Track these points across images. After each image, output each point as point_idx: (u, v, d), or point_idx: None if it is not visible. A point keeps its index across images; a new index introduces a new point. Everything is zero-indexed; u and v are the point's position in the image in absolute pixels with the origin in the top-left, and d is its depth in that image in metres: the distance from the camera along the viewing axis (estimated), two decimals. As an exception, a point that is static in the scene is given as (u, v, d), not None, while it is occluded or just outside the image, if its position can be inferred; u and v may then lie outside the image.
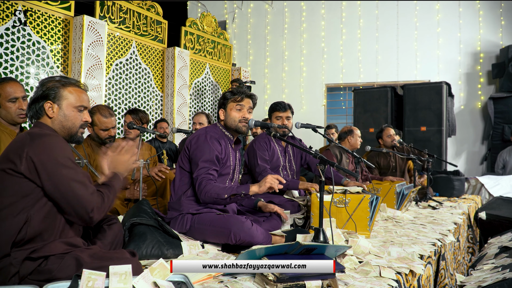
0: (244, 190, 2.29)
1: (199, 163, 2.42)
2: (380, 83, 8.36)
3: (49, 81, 1.70)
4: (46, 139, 1.54)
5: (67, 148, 1.58)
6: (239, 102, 2.57)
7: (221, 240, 2.28)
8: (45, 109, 1.67)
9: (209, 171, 2.41)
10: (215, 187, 2.34)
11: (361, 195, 2.67)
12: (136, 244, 2.06)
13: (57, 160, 1.51)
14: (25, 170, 1.48)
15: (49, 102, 1.67)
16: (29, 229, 1.48)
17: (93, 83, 5.24)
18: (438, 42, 8.10)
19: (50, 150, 1.52)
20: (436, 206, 4.18)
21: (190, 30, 7.24)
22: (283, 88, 9.19)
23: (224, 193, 2.29)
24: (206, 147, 2.46)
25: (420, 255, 2.27)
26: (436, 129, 6.34)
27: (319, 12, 8.98)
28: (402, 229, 2.99)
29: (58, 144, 1.56)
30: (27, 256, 1.44)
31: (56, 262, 1.44)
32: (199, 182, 2.37)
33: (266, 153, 3.30)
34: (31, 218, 1.49)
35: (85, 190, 1.53)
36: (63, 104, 1.68)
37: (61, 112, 1.68)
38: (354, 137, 4.34)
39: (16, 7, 4.55)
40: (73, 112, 1.70)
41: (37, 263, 1.44)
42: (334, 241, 2.26)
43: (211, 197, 2.32)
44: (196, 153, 2.45)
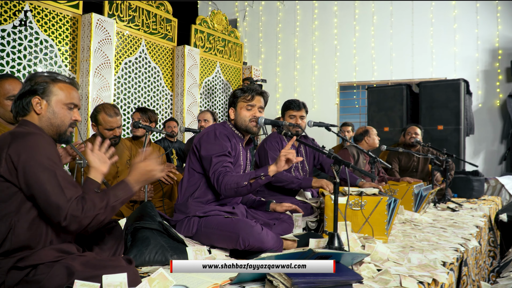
0: (262, 172, 2.15)
1: (212, 159, 2.29)
2: (394, 81, 8.15)
3: (38, 75, 1.58)
4: (28, 138, 1.42)
5: (50, 148, 1.46)
6: (249, 101, 2.45)
7: (229, 245, 2.14)
8: (33, 105, 1.55)
9: (224, 164, 2.28)
10: (232, 177, 2.21)
11: (378, 197, 2.52)
12: (139, 249, 1.94)
13: (36, 160, 1.38)
14: (4, 172, 1.37)
15: (37, 97, 1.55)
16: (14, 238, 1.36)
17: (101, 82, 5.16)
18: (454, 38, 7.86)
19: (31, 149, 1.40)
20: (455, 208, 4.00)
21: (200, 28, 7.13)
22: (295, 87, 9.04)
23: (243, 180, 2.17)
24: (216, 143, 2.34)
25: (442, 262, 2.12)
26: (454, 128, 6.13)
27: (331, 9, 8.81)
28: (421, 233, 2.83)
29: (40, 143, 1.43)
30: (13, 265, 1.32)
31: (45, 272, 1.31)
32: (216, 177, 2.25)
33: (278, 153, 3.15)
34: (15, 225, 1.37)
35: (59, 196, 1.37)
36: (52, 100, 1.57)
37: (50, 109, 1.56)
38: (372, 137, 4.18)
39: (23, 5, 4.49)
40: (62, 110, 1.58)
41: (24, 273, 1.32)
42: (350, 246, 2.11)
43: (231, 188, 2.19)
44: (207, 150, 2.33)
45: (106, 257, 1.49)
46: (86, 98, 4.98)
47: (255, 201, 2.72)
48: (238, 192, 2.21)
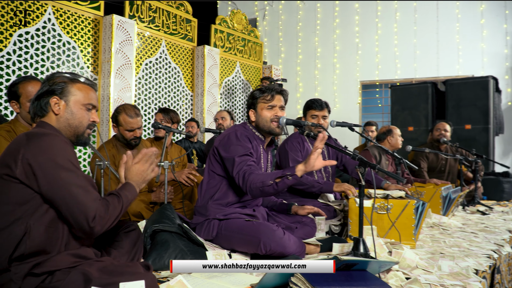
0: (289, 172, 2.03)
1: (235, 159, 2.21)
2: (418, 79, 7.94)
3: (57, 76, 1.56)
4: (44, 139, 1.39)
5: (68, 149, 1.43)
6: (269, 101, 2.37)
7: (249, 250, 2.08)
8: (51, 105, 1.52)
9: (248, 162, 2.20)
10: (258, 176, 2.11)
11: (405, 200, 2.41)
12: (158, 253, 1.90)
13: (55, 162, 1.35)
14: (21, 175, 1.33)
15: (55, 97, 1.53)
16: (29, 242, 1.32)
17: (122, 83, 5.17)
18: (482, 34, 7.60)
19: (48, 151, 1.36)
20: (485, 211, 3.84)
21: (220, 28, 7.10)
22: (316, 86, 8.91)
23: (268, 179, 2.05)
24: (238, 143, 2.27)
25: (475, 270, 2.00)
26: (482, 127, 5.91)
27: (353, 7, 8.65)
28: (451, 238, 2.70)
29: (57, 144, 1.40)
30: (29, 271, 1.29)
31: (62, 278, 1.27)
32: (242, 176, 2.16)
33: (299, 154, 3.07)
34: (31, 228, 1.33)
35: (86, 196, 1.35)
36: (71, 101, 1.54)
37: (68, 109, 1.54)
38: (395, 137, 4.04)
39: (46, 7, 4.53)
40: (81, 110, 1.56)
41: (40, 279, 1.29)
42: (376, 252, 2.02)
43: (257, 187, 2.08)
44: (229, 152, 2.26)
45: (124, 263, 1.43)
46: (108, 99, 5.00)
47: (276, 203, 2.65)
48: (264, 192, 2.10)
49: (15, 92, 2.30)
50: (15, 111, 2.35)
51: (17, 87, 2.30)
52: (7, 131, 2.46)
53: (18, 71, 4.31)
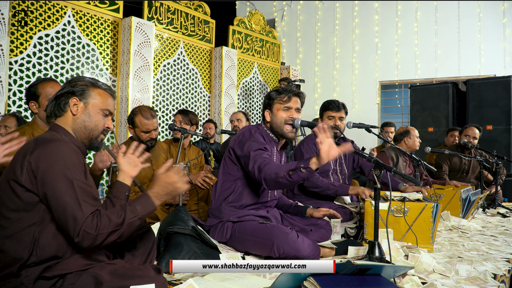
0: (303, 164, 1.95)
1: (250, 153, 2.19)
2: (439, 79, 7.79)
3: (79, 79, 1.60)
4: (50, 146, 1.38)
5: (72, 157, 1.40)
6: (286, 102, 2.36)
7: (263, 253, 2.07)
8: (70, 105, 1.54)
9: (263, 155, 2.17)
10: (272, 167, 2.06)
11: (423, 203, 2.37)
12: (172, 255, 1.91)
13: (55, 170, 1.33)
14: (26, 182, 1.33)
15: (75, 98, 1.55)
16: (39, 250, 1.32)
17: (141, 85, 5.23)
18: (504, 33, 7.42)
19: (51, 158, 1.35)
20: (506, 213, 3.75)
21: (238, 29, 7.11)
22: (334, 87, 8.85)
23: (282, 171, 1.99)
24: (252, 139, 2.27)
25: (493, 275, 1.95)
26: (504, 127, 5.76)
27: (372, 6, 8.55)
28: (470, 241, 2.64)
29: (62, 151, 1.39)
30: (40, 274, 1.30)
31: (73, 281, 1.28)
32: (257, 168, 2.11)
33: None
34: (39, 236, 1.33)
35: (75, 209, 1.29)
36: (89, 104, 1.57)
37: (86, 111, 1.56)
38: (412, 138, 3.97)
39: (66, 10, 4.62)
40: (97, 114, 1.58)
41: (51, 282, 1.30)
42: (392, 256, 1.99)
43: (271, 178, 2.03)
44: (244, 149, 2.25)
45: (135, 266, 1.44)
46: (126, 101, 5.07)
47: (291, 206, 2.64)
48: (278, 183, 2.03)
49: (34, 93, 2.35)
50: (33, 112, 2.40)
51: (36, 87, 2.35)
52: (23, 133, 2.52)
53: (38, 73, 4.41)
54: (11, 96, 4.20)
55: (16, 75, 4.23)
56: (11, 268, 1.30)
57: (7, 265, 1.31)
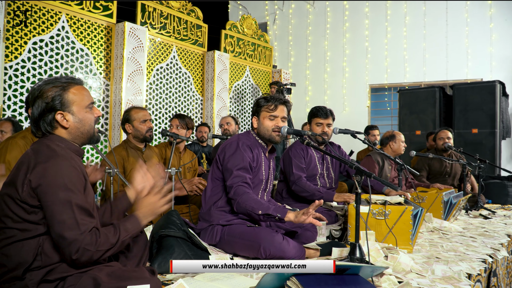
0: (280, 214, 2.13)
1: (233, 171, 2.33)
2: (427, 83, 7.96)
3: (45, 90, 1.51)
4: (49, 164, 1.41)
5: (72, 174, 1.43)
6: (272, 110, 2.47)
7: (251, 254, 2.18)
8: (59, 121, 1.52)
9: (245, 180, 2.32)
10: (250, 200, 2.22)
11: (403, 206, 2.49)
12: (164, 257, 2.01)
13: (54, 191, 1.38)
14: (26, 198, 1.39)
15: (59, 112, 1.51)
16: (43, 256, 1.40)
17: (134, 88, 5.32)
18: (491, 38, 7.61)
19: (51, 177, 1.39)
20: (488, 215, 3.89)
21: (230, 33, 7.22)
22: (325, 90, 8.98)
23: (258, 209, 2.16)
24: (238, 154, 2.38)
25: (467, 275, 2.07)
26: (489, 131, 5.93)
27: (362, 11, 8.71)
28: (449, 242, 2.77)
29: (62, 170, 1.42)
30: (43, 278, 1.39)
31: (74, 283, 1.38)
32: (234, 190, 2.28)
33: (303, 161, 3.17)
34: (44, 243, 1.41)
35: (73, 230, 1.37)
36: (74, 110, 1.54)
37: (76, 118, 1.54)
38: (397, 143, 4.10)
39: (60, 16, 4.70)
40: (86, 113, 1.57)
41: (53, 285, 1.39)
42: (372, 256, 2.11)
43: (245, 208, 2.21)
44: (229, 161, 2.37)
45: (131, 268, 1.54)
46: (119, 104, 5.15)
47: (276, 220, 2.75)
48: (249, 216, 2.23)
49: None
50: None
51: None
52: (23, 137, 2.61)
53: (33, 78, 4.49)
54: (6, 101, 4.27)
55: (11, 80, 4.31)
56: (16, 272, 1.38)
57: (12, 269, 1.39)
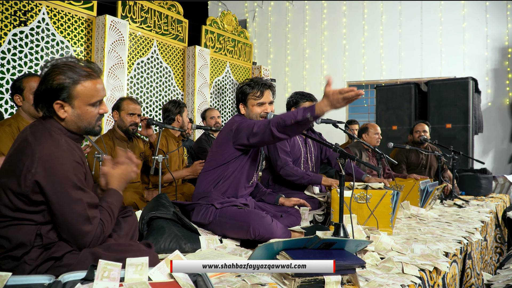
0: (309, 111, 2.01)
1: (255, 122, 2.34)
2: (403, 80, 8.20)
3: (56, 74, 1.44)
4: (55, 161, 1.40)
5: (77, 169, 1.45)
6: (259, 98, 2.53)
7: (240, 235, 2.25)
8: (55, 110, 1.45)
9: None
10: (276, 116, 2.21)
11: (383, 190, 2.60)
12: (154, 237, 2.06)
13: (65, 191, 1.40)
14: (28, 192, 1.38)
15: (59, 102, 1.44)
16: (43, 237, 1.43)
17: (115, 82, 5.30)
18: (464, 37, 7.89)
19: (59, 178, 1.40)
20: (462, 204, 4.06)
21: (210, 29, 7.26)
22: (304, 86, 9.12)
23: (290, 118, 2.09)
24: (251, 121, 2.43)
25: (445, 253, 2.19)
26: (462, 126, 6.17)
27: (340, 9, 8.88)
28: (426, 226, 2.91)
29: (67, 165, 1.41)
30: (41, 255, 1.42)
31: (73, 258, 1.41)
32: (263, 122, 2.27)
33: (287, 145, 3.21)
34: (41, 227, 1.44)
35: (86, 225, 1.43)
36: (76, 104, 1.47)
37: (75, 112, 1.48)
38: (370, 135, 4.24)
39: (40, 7, 4.64)
40: (88, 110, 1.50)
41: (52, 262, 1.42)
42: (355, 237, 2.20)
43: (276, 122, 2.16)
44: (248, 123, 2.39)
45: (127, 242, 1.59)
46: (100, 98, 5.12)
47: (265, 193, 2.83)
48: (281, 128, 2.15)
49: (19, 87, 2.46)
50: (18, 105, 2.50)
51: (21, 81, 2.47)
52: (8, 125, 2.60)
53: (13, 69, 4.42)
54: (-16, 92, 4.21)
55: (-11, 71, 4.24)
56: (15, 252, 1.40)
57: (10, 249, 1.40)
